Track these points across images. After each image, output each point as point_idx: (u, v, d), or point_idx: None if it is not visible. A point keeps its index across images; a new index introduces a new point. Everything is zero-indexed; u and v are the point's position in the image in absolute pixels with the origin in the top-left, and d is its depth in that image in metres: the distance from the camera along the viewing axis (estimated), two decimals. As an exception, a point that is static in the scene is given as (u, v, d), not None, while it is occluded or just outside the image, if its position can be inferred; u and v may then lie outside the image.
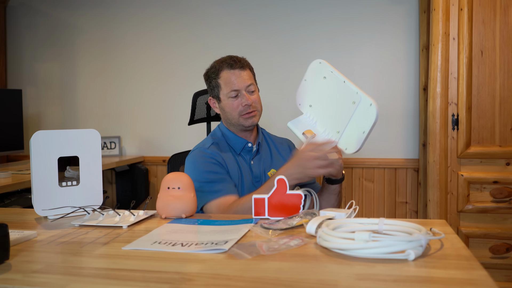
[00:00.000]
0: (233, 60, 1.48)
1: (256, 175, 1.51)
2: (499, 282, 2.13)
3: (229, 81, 1.47)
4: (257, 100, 1.51)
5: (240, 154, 1.53)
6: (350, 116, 1.21)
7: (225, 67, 1.48)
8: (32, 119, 3.19)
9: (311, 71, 1.39)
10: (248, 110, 1.47)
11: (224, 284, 0.66)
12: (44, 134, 1.12)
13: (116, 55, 3.06)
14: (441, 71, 2.15)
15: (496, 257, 2.14)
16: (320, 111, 1.34)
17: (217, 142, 1.52)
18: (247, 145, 1.53)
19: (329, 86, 1.31)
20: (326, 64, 1.35)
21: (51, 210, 1.12)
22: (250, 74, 1.51)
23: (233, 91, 1.47)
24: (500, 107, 2.12)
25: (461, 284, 0.64)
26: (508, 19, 2.10)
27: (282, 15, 2.79)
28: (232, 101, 1.48)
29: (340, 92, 1.26)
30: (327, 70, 1.33)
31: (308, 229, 0.90)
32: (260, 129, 1.62)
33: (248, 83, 1.48)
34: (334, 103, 1.29)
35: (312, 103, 1.37)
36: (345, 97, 1.24)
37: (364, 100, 1.18)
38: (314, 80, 1.37)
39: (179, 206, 1.10)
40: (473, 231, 2.16)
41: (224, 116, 1.54)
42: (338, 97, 1.27)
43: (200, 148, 1.50)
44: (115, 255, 0.82)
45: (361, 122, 1.18)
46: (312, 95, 1.37)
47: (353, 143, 1.20)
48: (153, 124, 3.03)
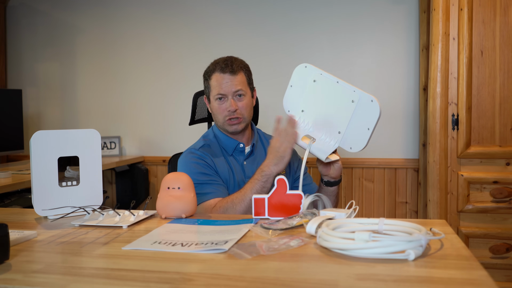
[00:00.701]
0: (225, 64, 1.48)
1: (248, 176, 1.50)
2: (499, 282, 2.13)
3: (217, 84, 1.48)
4: (244, 106, 1.49)
5: (232, 155, 1.54)
6: (350, 115, 1.21)
7: (217, 69, 1.49)
8: (32, 119, 3.19)
9: (296, 76, 1.38)
10: (232, 116, 1.48)
11: (224, 284, 0.66)
12: (44, 134, 1.12)
13: (116, 55, 3.06)
14: (441, 71, 2.15)
15: (496, 257, 2.14)
16: (314, 114, 1.33)
17: (209, 144, 1.54)
18: (238, 146, 1.54)
19: (321, 89, 1.30)
20: (313, 67, 1.34)
21: (51, 210, 1.12)
22: (242, 79, 1.50)
23: (219, 94, 1.48)
24: (500, 107, 2.12)
25: (461, 284, 0.64)
26: (508, 19, 2.10)
27: (281, 14, 2.79)
28: (218, 105, 1.49)
29: (335, 92, 1.25)
30: (316, 73, 1.32)
31: (308, 229, 0.90)
32: (255, 130, 1.63)
33: (236, 88, 1.47)
34: (330, 105, 1.27)
35: (304, 107, 1.35)
36: (342, 97, 1.23)
37: (364, 97, 1.18)
38: (302, 84, 1.36)
39: (179, 206, 1.10)
40: (473, 231, 2.16)
41: (213, 118, 1.56)
42: (333, 98, 1.26)
43: (190, 149, 1.52)
44: (115, 255, 0.82)
45: (364, 119, 1.18)
46: (303, 99, 1.36)
47: (358, 141, 1.20)
48: (153, 124, 3.03)
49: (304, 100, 1.35)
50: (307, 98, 1.35)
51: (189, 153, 1.51)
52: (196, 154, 1.49)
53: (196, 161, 1.47)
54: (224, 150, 1.54)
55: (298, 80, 1.37)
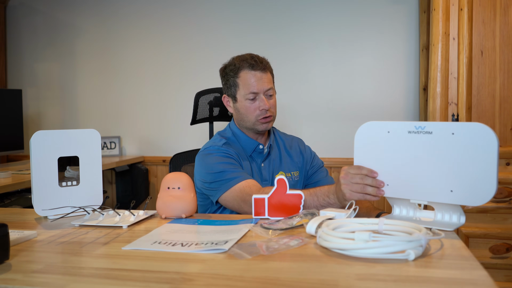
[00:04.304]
0: (255, 61, 1.42)
1: (265, 178, 1.48)
2: (499, 282, 2.13)
3: (249, 82, 1.41)
4: (274, 105, 1.46)
5: (251, 155, 1.49)
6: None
7: (246, 66, 1.42)
8: (32, 119, 3.19)
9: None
10: (265, 115, 1.43)
11: (224, 284, 0.66)
12: (44, 134, 1.12)
13: (116, 55, 3.06)
14: (441, 71, 2.15)
15: (496, 257, 2.14)
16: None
17: (228, 143, 1.47)
18: (258, 147, 1.49)
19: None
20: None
21: (51, 210, 1.12)
22: (270, 77, 1.46)
23: (252, 93, 1.41)
24: (500, 107, 2.12)
25: (461, 284, 0.64)
26: (508, 19, 2.10)
27: (281, 15, 2.79)
28: (250, 104, 1.43)
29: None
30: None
31: (308, 229, 0.90)
32: (272, 130, 1.58)
33: (268, 86, 1.43)
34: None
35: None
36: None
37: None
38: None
39: (179, 206, 1.10)
40: (473, 231, 2.16)
41: (238, 117, 1.49)
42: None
43: (212, 146, 1.44)
44: (115, 255, 0.82)
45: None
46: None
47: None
48: (153, 124, 3.03)
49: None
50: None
51: (211, 149, 1.42)
52: (220, 150, 1.40)
53: (218, 154, 1.39)
54: (244, 150, 1.48)
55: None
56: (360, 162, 1.04)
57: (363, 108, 2.69)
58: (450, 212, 0.96)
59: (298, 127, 2.79)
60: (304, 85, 2.78)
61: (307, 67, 2.76)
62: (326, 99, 2.75)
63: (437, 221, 0.97)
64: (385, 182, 1.01)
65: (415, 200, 0.99)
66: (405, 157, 0.98)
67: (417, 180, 0.97)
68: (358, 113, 2.70)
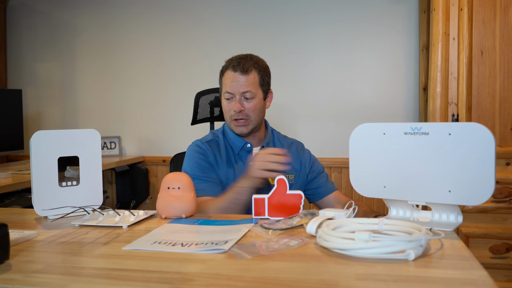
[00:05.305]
0: (238, 62, 1.44)
1: None
2: (499, 282, 2.13)
3: (227, 82, 1.45)
4: (252, 108, 1.45)
5: (238, 153, 1.52)
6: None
7: (229, 67, 1.45)
8: (32, 119, 3.19)
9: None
10: (237, 117, 1.45)
11: (224, 284, 0.66)
12: (44, 134, 1.12)
13: (116, 55, 3.06)
14: (441, 71, 2.15)
15: (496, 257, 2.14)
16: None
17: (216, 140, 1.54)
18: (246, 146, 1.52)
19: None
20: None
21: (51, 210, 1.12)
22: (253, 79, 1.44)
23: (227, 93, 1.45)
24: (500, 107, 2.12)
25: (461, 284, 0.64)
26: (508, 19, 2.10)
27: (281, 15, 2.79)
28: (226, 104, 1.48)
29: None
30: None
31: (308, 229, 0.90)
32: (270, 131, 1.59)
33: (244, 89, 1.43)
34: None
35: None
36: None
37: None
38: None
39: (179, 206, 1.10)
40: (473, 231, 2.16)
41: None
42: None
43: (198, 141, 1.53)
44: (115, 255, 0.82)
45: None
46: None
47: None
48: (153, 124, 3.03)
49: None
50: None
51: (195, 145, 1.52)
52: (200, 148, 1.50)
53: (198, 153, 1.48)
54: (231, 148, 1.53)
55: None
56: (356, 165, 1.03)
57: (363, 108, 2.69)
58: (447, 212, 0.96)
59: (298, 127, 2.79)
60: (304, 85, 2.78)
61: (307, 67, 2.76)
62: (326, 99, 2.75)
63: (435, 221, 0.97)
64: (382, 184, 1.01)
65: (413, 201, 0.99)
66: (402, 158, 0.97)
67: (415, 181, 0.96)
68: (358, 113, 2.70)
